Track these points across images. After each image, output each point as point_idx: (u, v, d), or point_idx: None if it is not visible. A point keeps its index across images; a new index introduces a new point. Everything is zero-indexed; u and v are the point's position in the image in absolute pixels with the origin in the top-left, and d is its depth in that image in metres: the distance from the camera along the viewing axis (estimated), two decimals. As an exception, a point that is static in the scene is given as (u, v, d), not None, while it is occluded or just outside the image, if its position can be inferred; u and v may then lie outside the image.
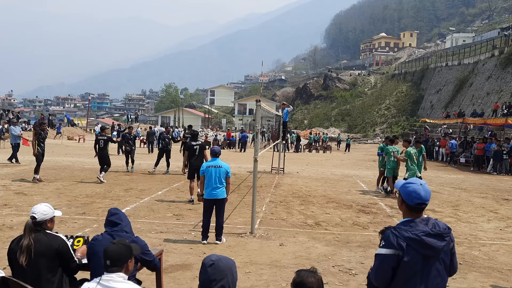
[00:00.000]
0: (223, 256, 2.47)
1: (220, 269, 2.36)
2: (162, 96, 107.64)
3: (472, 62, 42.32)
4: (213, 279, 2.34)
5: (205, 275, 2.36)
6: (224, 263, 2.40)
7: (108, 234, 3.48)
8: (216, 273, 2.35)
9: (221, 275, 2.35)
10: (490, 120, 25.17)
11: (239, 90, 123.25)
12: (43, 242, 3.38)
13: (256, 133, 7.82)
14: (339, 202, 10.56)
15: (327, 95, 66.89)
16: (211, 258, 2.42)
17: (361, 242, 7.04)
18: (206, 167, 6.80)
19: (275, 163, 16.84)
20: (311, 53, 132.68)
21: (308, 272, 2.38)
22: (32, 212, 3.48)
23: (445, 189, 13.63)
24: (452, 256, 2.56)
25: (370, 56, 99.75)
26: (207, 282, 2.35)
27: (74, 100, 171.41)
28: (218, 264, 2.37)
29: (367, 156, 28.47)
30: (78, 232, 6.84)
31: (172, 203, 9.76)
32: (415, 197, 2.52)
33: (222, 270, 2.36)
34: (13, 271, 3.41)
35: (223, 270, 2.37)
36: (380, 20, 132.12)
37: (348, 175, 16.54)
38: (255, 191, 7.52)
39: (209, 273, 2.35)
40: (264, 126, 30.57)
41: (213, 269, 2.36)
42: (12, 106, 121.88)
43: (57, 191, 10.75)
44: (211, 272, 2.35)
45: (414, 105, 52.30)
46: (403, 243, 2.42)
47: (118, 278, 2.70)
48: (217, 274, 2.35)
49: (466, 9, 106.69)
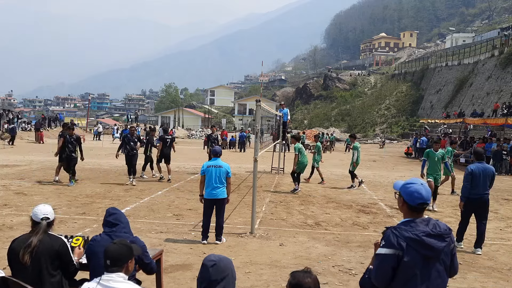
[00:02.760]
0: (223, 256, 2.48)
1: (221, 269, 2.38)
2: (162, 96, 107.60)
3: (472, 62, 42.34)
4: (215, 279, 2.36)
5: (207, 275, 2.37)
6: (224, 263, 2.42)
7: (107, 235, 3.46)
8: (218, 273, 2.37)
9: (223, 275, 2.37)
10: (490, 120, 25.18)
11: (239, 90, 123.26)
12: (45, 243, 3.37)
13: (256, 133, 7.81)
14: (339, 202, 10.55)
15: (327, 95, 66.89)
16: (212, 258, 2.43)
17: (361, 242, 7.04)
18: (206, 167, 6.70)
19: (275, 163, 16.85)
20: (311, 53, 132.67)
21: (303, 273, 2.36)
22: (41, 213, 3.44)
23: (445, 189, 13.62)
24: (453, 257, 2.55)
25: (370, 56, 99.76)
26: (209, 283, 2.36)
27: (74, 100, 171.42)
28: (219, 265, 2.39)
29: (367, 156, 28.44)
30: (78, 232, 6.84)
31: (172, 203, 9.76)
32: (417, 197, 2.51)
33: (223, 270, 2.39)
34: (13, 271, 3.40)
35: (224, 270, 2.39)
36: (380, 20, 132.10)
37: (348, 175, 16.51)
38: (255, 191, 7.52)
39: (211, 273, 2.37)
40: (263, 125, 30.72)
41: (215, 269, 2.37)
42: (12, 106, 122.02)
43: (57, 191, 10.75)
44: (213, 272, 2.37)
45: (414, 105, 52.31)
46: (403, 243, 2.42)
47: (118, 278, 2.69)
48: (218, 274, 2.36)
49: (466, 9, 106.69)
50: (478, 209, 6.78)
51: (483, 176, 6.65)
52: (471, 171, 6.68)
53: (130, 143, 12.54)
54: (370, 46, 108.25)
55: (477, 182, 6.64)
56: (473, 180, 6.66)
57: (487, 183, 6.71)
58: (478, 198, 6.67)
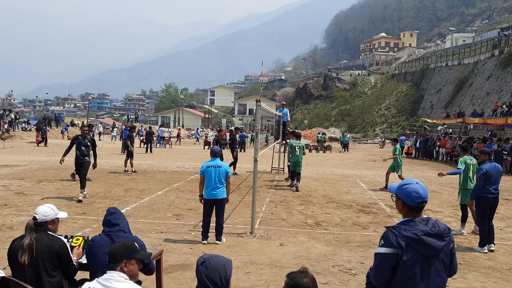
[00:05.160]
0: (216, 255, 2.55)
1: (211, 266, 2.44)
2: (162, 96, 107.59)
3: (472, 62, 42.32)
4: (206, 275, 2.43)
5: (198, 273, 2.47)
6: (215, 260, 2.48)
7: (106, 235, 3.46)
8: (208, 270, 2.44)
9: (213, 272, 2.43)
10: (490, 120, 25.17)
11: (239, 90, 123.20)
12: (44, 243, 3.39)
13: (256, 133, 7.82)
14: (339, 202, 10.55)
15: (327, 95, 66.86)
16: (203, 257, 2.52)
17: (361, 242, 7.04)
18: (205, 167, 6.72)
19: (275, 163, 16.85)
20: (311, 53, 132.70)
21: (300, 273, 2.35)
22: (34, 212, 3.51)
23: (445, 189, 13.64)
24: (452, 257, 2.56)
25: (370, 56, 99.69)
26: (201, 280, 2.44)
27: (74, 100, 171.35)
28: (209, 262, 2.46)
29: (367, 156, 28.46)
30: (78, 232, 6.85)
31: (172, 203, 9.77)
32: (416, 196, 2.51)
33: (214, 267, 2.44)
34: (13, 271, 3.41)
35: (214, 267, 2.45)
36: (380, 20, 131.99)
37: (348, 175, 16.54)
38: (255, 191, 7.52)
39: (200, 271, 2.45)
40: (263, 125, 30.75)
41: (204, 266, 2.45)
42: (12, 106, 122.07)
43: (57, 191, 10.75)
44: (203, 270, 2.45)
45: (414, 105, 52.28)
46: (402, 242, 2.42)
47: (119, 278, 2.67)
48: (209, 271, 2.43)
49: (466, 9, 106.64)
50: (492, 209, 6.93)
51: (495, 175, 6.78)
52: (485, 171, 6.71)
53: (81, 148, 9.81)
54: (370, 46, 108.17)
55: (492, 182, 6.74)
56: (488, 179, 6.71)
57: (499, 182, 6.87)
58: (494, 197, 6.82)
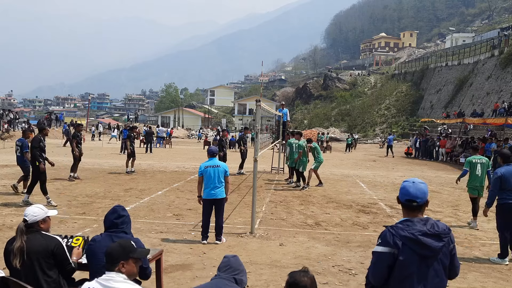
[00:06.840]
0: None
1: (240, 262, 2.77)
2: (162, 96, 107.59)
3: (472, 62, 42.32)
4: (236, 268, 2.71)
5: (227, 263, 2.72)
6: (240, 262, 2.82)
7: (107, 235, 3.46)
8: (238, 264, 2.74)
9: (241, 267, 2.75)
10: (490, 120, 25.17)
11: (239, 90, 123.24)
12: (39, 243, 3.39)
13: (256, 133, 7.82)
14: (339, 202, 10.55)
15: (327, 95, 66.86)
16: (231, 255, 2.84)
17: (361, 242, 7.04)
18: (204, 168, 6.71)
19: (275, 163, 16.85)
20: (311, 53, 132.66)
21: (300, 272, 2.45)
22: (24, 214, 3.50)
23: (445, 189, 13.63)
24: (452, 258, 2.55)
25: (370, 56, 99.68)
26: (230, 270, 2.69)
27: (74, 100, 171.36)
28: (238, 258, 2.80)
29: (367, 156, 28.46)
30: (78, 232, 6.85)
31: (172, 203, 9.76)
32: (403, 193, 2.57)
33: (241, 264, 2.77)
34: (11, 272, 3.42)
35: (241, 264, 2.78)
36: (380, 20, 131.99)
37: (348, 175, 16.53)
38: (255, 191, 7.52)
39: (232, 262, 2.73)
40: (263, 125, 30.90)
41: (236, 260, 2.75)
42: (12, 106, 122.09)
43: (57, 191, 10.75)
44: (234, 261, 2.73)
45: (414, 105, 52.29)
46: (399, 241, 2.44)
47: (118, 278, 2.67)
48: (238, 265, 2.73)
49: (466, 9, 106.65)
50: None
51: None
52: (500, 176, 6.12)
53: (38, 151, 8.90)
54: (370, 46, 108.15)
55: (509, 187, 6.09)
56: (504, 183, 6.07)
57: None
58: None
